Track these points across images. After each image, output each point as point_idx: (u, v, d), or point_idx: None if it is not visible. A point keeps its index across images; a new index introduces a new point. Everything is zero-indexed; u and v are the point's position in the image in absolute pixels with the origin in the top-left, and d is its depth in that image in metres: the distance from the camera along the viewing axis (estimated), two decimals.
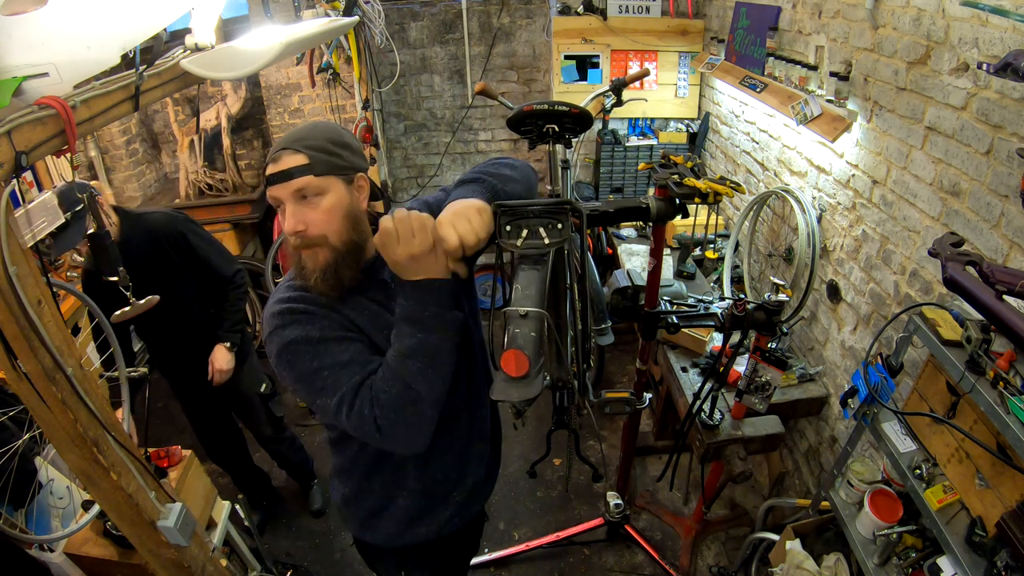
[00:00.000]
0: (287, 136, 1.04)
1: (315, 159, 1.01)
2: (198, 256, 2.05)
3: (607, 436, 3.09)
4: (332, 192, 1.03)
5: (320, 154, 1.01)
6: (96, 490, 1.26)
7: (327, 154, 1.02)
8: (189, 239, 2.03)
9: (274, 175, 1.01)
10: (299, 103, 3.82)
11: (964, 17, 1.47)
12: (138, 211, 2.05)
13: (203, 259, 2.06)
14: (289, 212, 1.01)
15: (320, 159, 1.01)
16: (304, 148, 1.00)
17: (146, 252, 1.95)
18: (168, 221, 2.02)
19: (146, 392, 2.65)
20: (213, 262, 2.09)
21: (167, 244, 1.99)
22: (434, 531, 1.35)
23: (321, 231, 1.02)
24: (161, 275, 1.97)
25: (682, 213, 1.49)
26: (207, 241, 2.11)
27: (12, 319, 0.97)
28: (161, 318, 2.00)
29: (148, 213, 2.05)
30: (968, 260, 1.18)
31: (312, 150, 1.01)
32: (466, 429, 1.31)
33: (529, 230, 0.96)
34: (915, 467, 1.46)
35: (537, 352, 0.88)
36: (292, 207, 1.01)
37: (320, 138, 1.03)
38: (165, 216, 2.05)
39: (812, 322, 2.38)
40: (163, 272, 1.98)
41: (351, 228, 1.05)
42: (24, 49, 0.95)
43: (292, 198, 1.01)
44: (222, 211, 3.82)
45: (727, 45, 2.97)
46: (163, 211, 2.09)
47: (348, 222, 1.05)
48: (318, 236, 1.02)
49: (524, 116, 2.00)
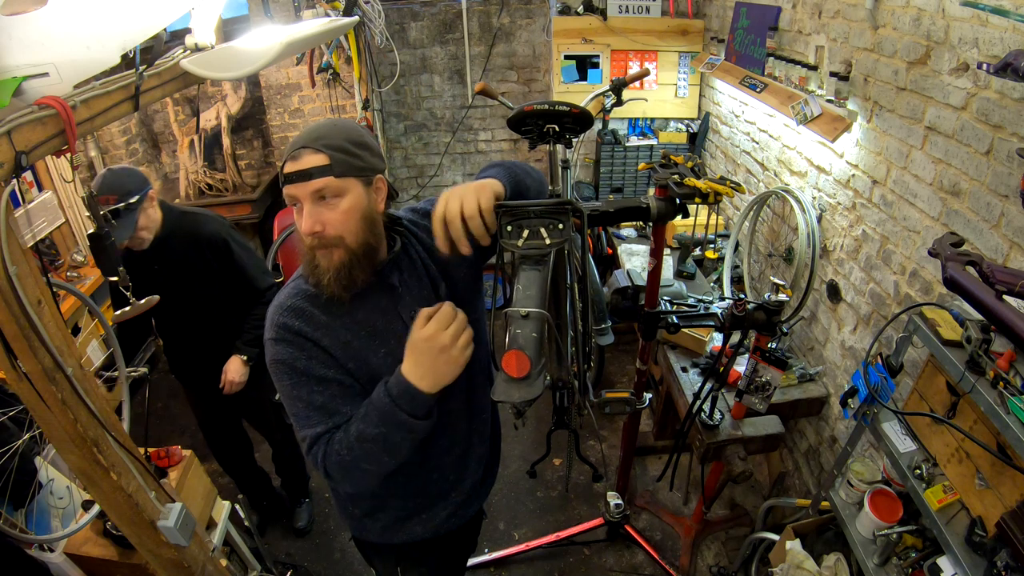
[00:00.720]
0: (306, 133, 1.02)
1: (335, 159, 0.99)
2: (236, 264, 2.01)
3: (607, 436, 3.09)
4: (351, 193, 1.02)
5: (340, 154, 1.00)
6: (96, 490, 1.26)
7: (347, 154, 1.01)
8: (231, 246, 1.99)
9: (293, 174, 0.99)
10: (299, 103, 3.82)
11: (964, 17, 1.47)
12: (183, 208, 2.02)
13: (240, 268, 2.02)
14: (306, 212, 1.00)
15: (340, 160, 0.99)
16: (324, 148, 0.99)
17: (184, 251, 1.93)
18: (213, 224, 1.99)
19: (146, 392, 2.65)
20: (249, 273, 2.05)
21: (207, 246, 1.95)
22: (431, 530, 1.36)
23: (338, 232, 1.02)
24: (195, 276, 1.95)
25: (682, 213, 1.50)
26: (248, 251, 2.07)
27: (12, 319, 0.97)
28: (185, 319, 2.00)
29: (193, 213, 2.02)
30: (968, 260, 1.18)
31: (332, 150, 0.99)
32: (466, 431, 1.31)
33: (530, 230, 0.95)
34: (915, 467, 1.46)
35: (538, 353, 0.88)
36: (309, 207, 1.00)
37: (340, 138, 1.01)
38: (210, 219, 2.02)
39: (812, 322, 2.38)
40: (197, 273, 1.96)
41: (368, 230, 1.05)
42: (24, 49, 0.95)
43: (310, 198, 0.99)
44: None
45: (727, 45, 2.97)
46: (209, 214, 2.06)
47: (365, 224, 1.04)
48: (334, 237, 1.02)
49: (524, 116, 2.00)
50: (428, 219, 1.19)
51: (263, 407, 2.35)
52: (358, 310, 1.10)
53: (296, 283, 1.12)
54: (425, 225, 1.20)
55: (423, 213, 1.22)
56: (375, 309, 1.12)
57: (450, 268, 1.20)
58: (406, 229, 1.18)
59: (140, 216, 1.80)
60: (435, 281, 1.18)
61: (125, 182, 1.77)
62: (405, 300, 1.14)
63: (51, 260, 3.04)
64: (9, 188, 0.94)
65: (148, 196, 1.83)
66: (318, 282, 1.05)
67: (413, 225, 1.20)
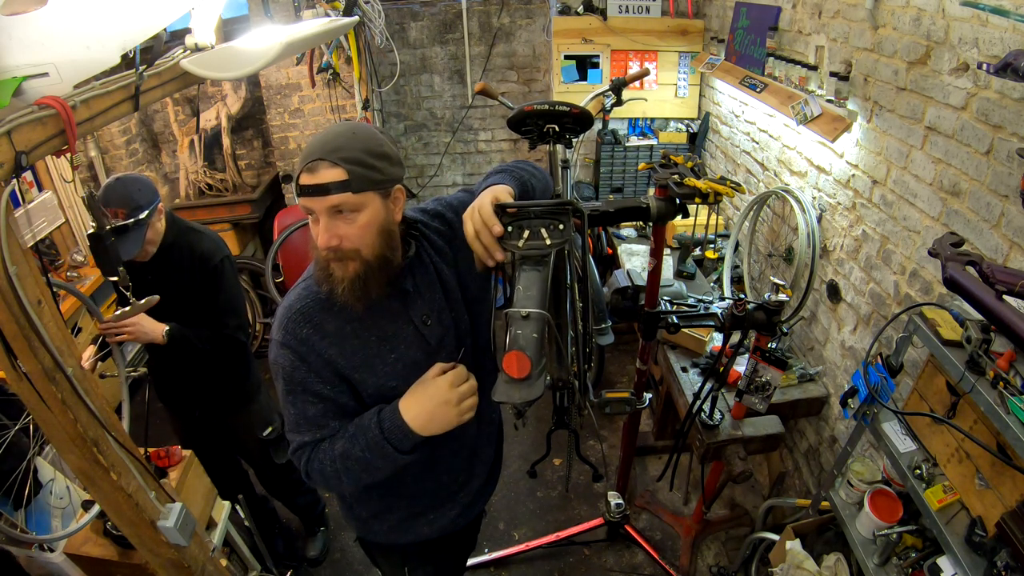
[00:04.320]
0: (324, 142, 0.97)
1: (353, 174, 0.96)
2: (218, 295, 1.91)
3: (607, 436, 3.09)
4: (369, 208, 1.00)
5: (358, 168, 0.97)
6: (96, 490, 1.26)
7: (365, 168, 0.98)
8: (220, 279, 1.89)
9: (309, 187, 0.96)
10: (299, 103, 3.81)
11: (964, 17, 1.47)
12: (189, 224, 1.94)
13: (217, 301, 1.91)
14: (323, 226, 0.98)
15: (358, 174, 0.96)
16: (342, 161, 0.95)
17: (179, 265, 1.85)
18: (213, 249, 1.90)
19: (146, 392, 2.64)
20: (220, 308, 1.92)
21: (199, 266, 1.87)
22: (437, 530, 1.36)
23: (355, 245, 1.00)
24: (183, 293, 1.86)
25: (682, 213, 1.49)
26: (235, 294, 1.96)
27: (12, 319, 0.97)
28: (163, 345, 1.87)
29: (197, 231, 1.93)
30: (968, 260, 1.18)
31: (351, 164, 0.96)
32: (475, 435, 1.32)
33: (530, 231, 0.95)
34: (915, 467, 1.46)
35: (539, 353, 0.88)
36: (326, 221, 0.98)
37: (359, 149, 0.98)
38: (213, 243, 1.92)
39: (812, 322, 2.38)
40: (185, 290, 1.87)
41: (385, 243, 1.04)
42: (24, 49, 0.95)
43: (327, 212, 0.97)
44: (222, 211, 3.83)
45: (727, 45, 2.97)
46: (214, 238, 1.95)
47: (382, 237, 1.03)
48: (351, 250, 1.00)
49: (524, 116, 1.99)
50: (438, 220, 1.20)
51: (245, 445, 2.26)
52: (369, 316, 1.09)
53: (307, 284, 1.11)
54: (435, 227, 1.20)
55: (433, 214, 1.22)
56: (386, 314, 1.11)
57: (461, 269, 1.20)
58: (420, 233, 1.17)
59: (148, 230, 1.74)
60: (447, 285, 1.18)
61: (135, 195, 1.70)
62: (416, 304, 1.14)
63: (51, 260, 3.04)
64: (9, 188, 0.94)
65: (157, 210, 1.77)
66: (331, 290, 1.04)
67: (424, 227, 1.19)
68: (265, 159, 4.37)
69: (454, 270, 1.19)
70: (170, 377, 2.07)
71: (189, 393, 2.07)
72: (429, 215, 1.22)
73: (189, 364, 1.96)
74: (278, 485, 2.41)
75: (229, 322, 1.93)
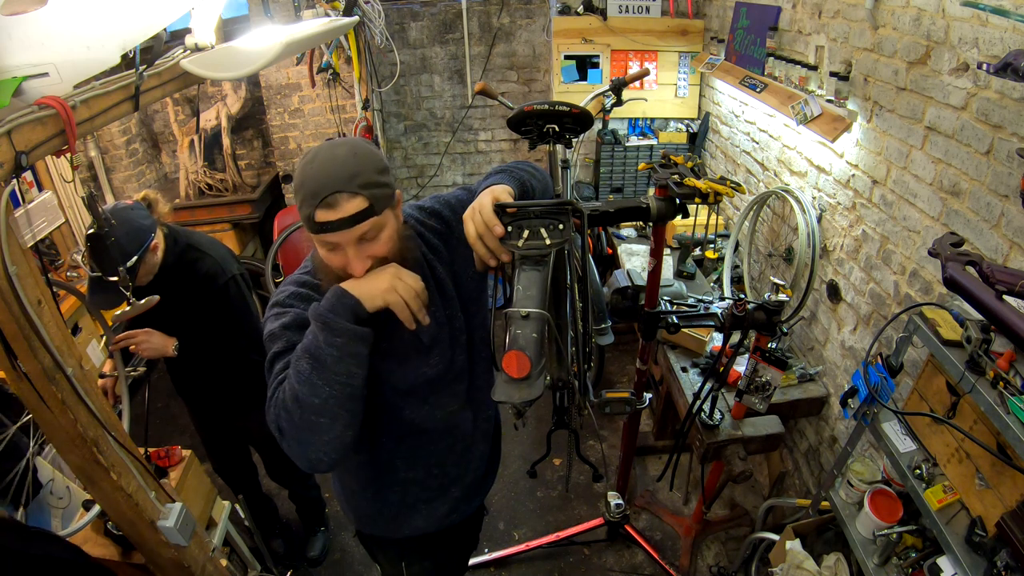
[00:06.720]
0: (332, 172, 0.94)
1: (374, 198, 0.96)
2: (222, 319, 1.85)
3: (607, 436, 3.09)
4: (389, 223, 1.02)
5: (376, 190, 0.96)
6: (96, 490, 1.26)
7: (380, 187, 0.98)
8: (225, 301, 1.83)
9: (334, 222, 0.94)
10: (299, 103, 3.82)
11: (964, 17, 1.47)
12: (191, 242, 1.85)
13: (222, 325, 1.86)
14: (353, 255, 0.98)
15: (377, 196, 0.97)
16: (360, 189, 0.94)
17: (179, 288, 1.78)
18: (216, 271, 1.82)
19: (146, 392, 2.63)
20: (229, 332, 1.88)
21: (202, 288, 1.81)
22: (434, 524, 1.37)
23: (381, 256, 1.02)
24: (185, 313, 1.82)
25: (682, 213, 1.49)
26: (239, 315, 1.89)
27: (12, 319, 0.97)
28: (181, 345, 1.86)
29: (200, 250, 1.83)
30: (968, 260, 1.18)
31: (368, 188, 0.95)
32: (470, 430, 1.32)
33: (530, 231, 0.95)
34: (915, 467, 1.46)
35: (539, 353, 0.88)
36: (355, 250, 0.98)
37: (370, 170, 0.96)
38: (216, 264, 1.83)
39: (812, 322, 2.38)
40: (186, 310, 1.82)
41: (403, 245, 1.07)
42: (24, 49, 0.95)
43: (355, 242, 0.98)
44: (222, 211, 3.83)
45: (727, 45, 2.97)
46: (218, 257, 1.85)
47: (401, 241, 1.06)
48: (379, 260, 1.03)
49: (524, 116, 2.00)
50: (435, 219, 1.21)
51: (260, 439, 2.26)
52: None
53: (301, 277, 1.12)
54: (431, 225, 1.20)
55: (429, 212, 1.22)
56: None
57: (456, 268, 1.20)
58: (415, 231, 1.18)
59: (140, 268, 1.67)
60: (441, 282, 1.18)
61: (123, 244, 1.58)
62: None
63: (51, 260, 3.04)
64: (9, 188, 0.94)
65: (149, 249, 1.69)
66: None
67: (420, 225, 1.20)
68: (265, 159, 4.37)
69: (449, 268, 1.19)
70: (186, 374, 2.09)
71: (205, 389, 2.09)
72: (425, 213, 1.22)
73: (205, 365, 1.97)
74: (288, 475, 2.45)
75: (239, 343, 1.90)
